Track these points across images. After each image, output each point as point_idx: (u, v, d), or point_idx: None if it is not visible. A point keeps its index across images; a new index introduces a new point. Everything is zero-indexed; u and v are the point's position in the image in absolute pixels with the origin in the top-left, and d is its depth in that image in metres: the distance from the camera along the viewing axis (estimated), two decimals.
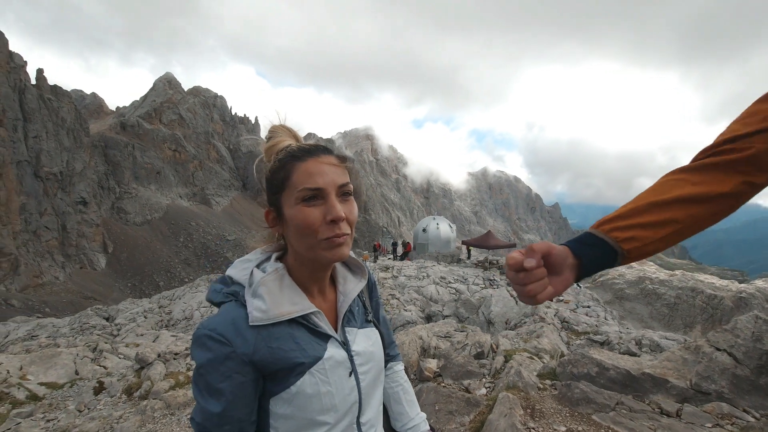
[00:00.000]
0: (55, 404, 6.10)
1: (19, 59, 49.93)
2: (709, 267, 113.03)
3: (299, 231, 0.86)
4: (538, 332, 6.31)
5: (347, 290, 1.02)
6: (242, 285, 0.91)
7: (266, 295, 0.87)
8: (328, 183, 0.86)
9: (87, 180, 55.69)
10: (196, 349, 0.84)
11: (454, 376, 3.80)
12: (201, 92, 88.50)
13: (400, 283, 15.65)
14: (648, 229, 0.77)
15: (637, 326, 16.43)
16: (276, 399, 0.89)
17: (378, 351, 1.04)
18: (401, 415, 1.20)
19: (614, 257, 0.78)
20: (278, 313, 0.87)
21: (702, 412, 2.56)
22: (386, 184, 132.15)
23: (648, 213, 0.78)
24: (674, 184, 0.79)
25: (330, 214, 0.84)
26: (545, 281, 0.77)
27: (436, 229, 28.05)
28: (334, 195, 0.86)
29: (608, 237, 0.78)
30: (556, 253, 0.79)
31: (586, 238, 0.80)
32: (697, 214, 0.77)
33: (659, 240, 0.77)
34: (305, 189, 0.84)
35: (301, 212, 0.85)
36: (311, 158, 0.87)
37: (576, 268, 0.80)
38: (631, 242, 0.77)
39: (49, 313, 34.91)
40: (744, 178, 0.75)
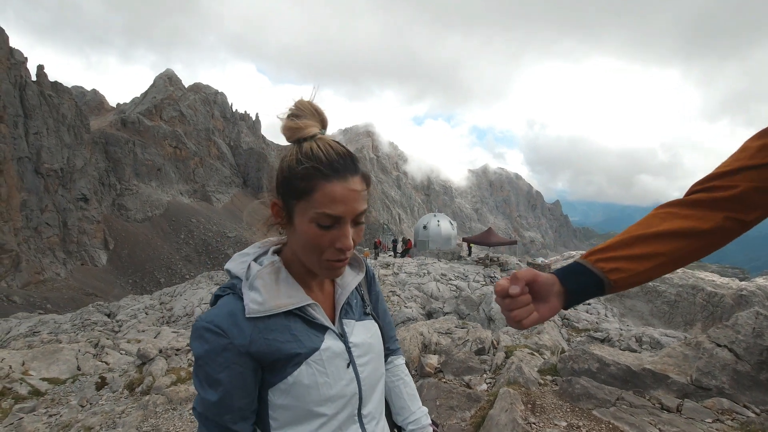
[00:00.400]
0: (58, 399, 6.13)
1: (20, 55, 49.87)
2: (710, 264, 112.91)
3: (305, 246, 0.87)
4: (538, 329, 6.32)
5: (345, 283, 1.03)
6: (240, 278, 0.92)
7: (262, 287, 0.89)
8: (348, 212, 0.84)
9: (88, 177, 55.74)
10: (195, 341, 0.86)
11: (455, 371, 3.81)
12: (202, 89, 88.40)
13: (400, 280, 15.68)
14: (633, 261, 0.80)
15: (638, 324, 16.45)
16: (274, 389, 0.90)
17: (377, 343, 1.05)
18: (403, 409, 1.21)
19: (601, 286, 0.82)
20: (274, 305, 0.88)
21: (702, 408, 2.57)
22: (387, 182, 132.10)
23: (634, 246, 0.81)
24: (662, 218, 0.82)
25: (340, 242, 0.85)
26: (530, 307, 0.81)
27: (437, 226, 28.07)
28: (349, 224, 0.85)
29: (595, 267, 0.82)
30: (542, 281, 0.83)
31: (574, 267, 0.85)
32: (682, 248, 0.79)
33: (643, 272, 0.80)
34: (324, 215, 0.82)
35: (313, 232, 0.84)
36: (338, 180, 0.83)
37: (563, 296, 0.83)
38: (617, 273, 0.80)
39: (51, 309, 35.03)
40: (730, 215, 0.77)
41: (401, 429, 1.22)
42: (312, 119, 0.88)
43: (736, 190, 0.76)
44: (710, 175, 0.81)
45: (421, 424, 1.20)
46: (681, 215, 0.80)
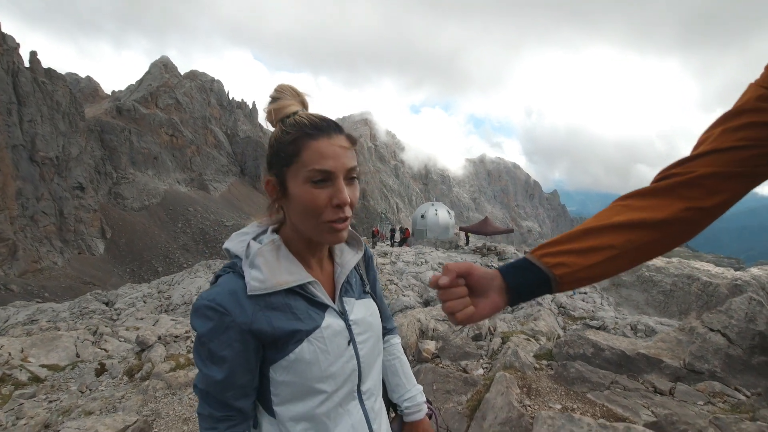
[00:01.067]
0: (58, 385, 6.17)
1: (12, 41, 49.04)
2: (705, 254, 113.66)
3: (303, 211, 0.86)
4: (534, 315, 6.38)
5: (344, 261, 1.03)
6: (239, 257, 0.92)
7: (263, 265, 0.89)
8: (339, 167, 0.85)
9: (83, 165, 55.33)
10: (197, 319, 0.86)
11: (452, 357, 3.85)
12: (198, 76, 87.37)
13: (398, 269, 15.74)
14: (581, 255, 0.76)
15: (633, 313, 16.61)
16: (275, 366, 0.90)
17: (376, 321, 1.06)
18: (398, 387, 1.23)
19: (548, 282, 0.77)
20: (275, 283, 0.88)
21: (695, 391, 2.61)
22: (385, 171, 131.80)
23: (581, 239, 0.77)
24: (617, 211, 0.77)
25: (337, 198, 0.85)
26: (465, 300, 0.78)
27: (435, 215, 28.11)
28: (342, 179, 0.86)
29: (539, 262, 0.78)
30: (479, 274, 0.80)
31: (519, 263, 0.81)
32: (636, 240, 0.74)
33: (592, 266, 0.75)
34: (315, 171, 0.84)
35: (308, 193, 0.84)
36: (324, 137, 0.85)
37: (506, 292, 0.80)
38: (561, 268, 0.76)
39: (49, 298, 35.06)
40: (688, 204, 0.73)
41: (396, 406, 1.25)
42: (292, 99, 0.91)
43: (692, 175, 0.73)
44: (671, 164, 0.78)
45: (416, 401, 1.23)
46: (636, 206, 0.76)
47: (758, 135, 0.71)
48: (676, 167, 0.76)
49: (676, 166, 0.77)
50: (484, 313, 0.80)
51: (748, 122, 0.71)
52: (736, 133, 0.72)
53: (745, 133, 0.71)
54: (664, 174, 0.77)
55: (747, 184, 0.72)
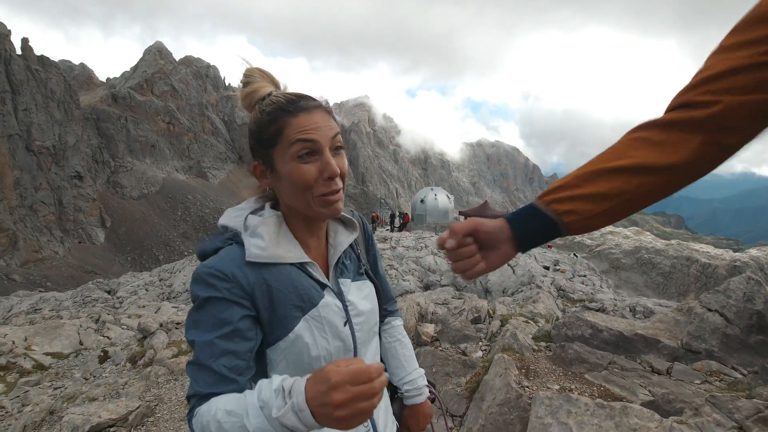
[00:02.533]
0: (62, 373, 6.24)
1: (3, 28, 48.22)
2: (704, 236, 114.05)
3: (295, 188, 0.85)
4: (534, 298, 6.42)
5: (337, 243, 1.01)
6: (238, 230, 0.90)
7: (266, 234, 0.87)
8: (322, 137, 0.84)
9: (81, 154, 55.05)
10: (198, 285, 0.83)
11: (451, 340, 3.88)
12: (193, 62, 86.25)
13: (398, 254, 15.79)
14: (590, 201, 0.71)
15: (632, 295, 16.72)
16: (274, 348, 0.89)
17: (372, 304, 1.04)
18: (398, 369, 1.21)
19: (557, 228, 0.74)
20: (276, 254, 0.87)
21: (692, 370, 2.63)
22: (384, 156, 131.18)
23: (592, 182, 0.72)
24: (630, 147, 0.71)
25: (326, 170, 0.84)
26: (475, 258, 0.78)
27: (434, 200, 28.09)
28: (328, 150, 0.85)
29: (548, 209, 0.75)
30: (487, 230, 0.78)
31: (528, 210, 0.78)
32: (649, 184, 0.69)
33: (602, 213, 0.71)
34: (300, 145, 0.83)
35: (297, 169, 0.83)
36: (302, 112, 0.85)
37: (515, 240, 0.78)
38: (572, 215, 0.73)
39: (51, 287, 35.28)
40: (709, 139, 0.65)
41: (397, 389, 1.23)
42: (263, 81, 0.91)
43: (717, 107, 0.63)
44: (692, 83, 0.68)
45: (416, 384, 1.20)
46: (653, 142, 0.69)
47: None
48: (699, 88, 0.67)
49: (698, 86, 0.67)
50: (494, 265, 0.79)
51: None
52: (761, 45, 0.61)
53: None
54: (682, 101, 0.69)
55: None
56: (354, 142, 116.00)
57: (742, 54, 0.62)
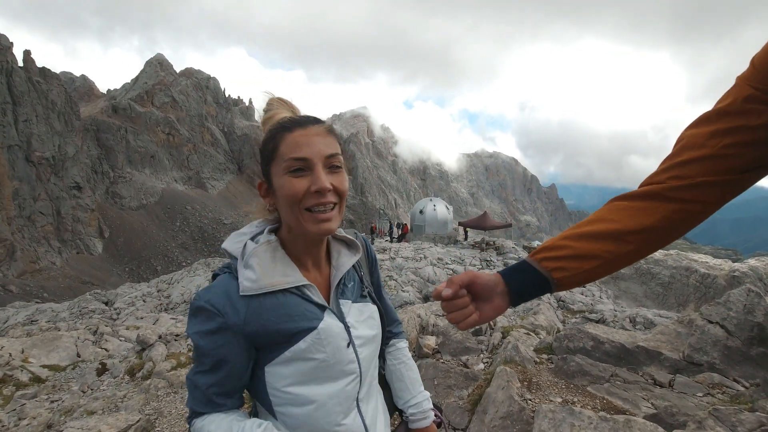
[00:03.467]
0: (59, 386, 6.18)
1: (5, 40, 48.66)
2: (703, 246, 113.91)
3: (286, 201, 0.87)
4: (534, 309, 6.41)
5: (340, 264, 1.02)
6: (236, 258, 0.92)
7: (257, 265, 0.89)
8: (314, 153, 0.86)
9: (80, 164, 55.12)
10: (191, 319, 0.89)
11: (452, 352, 3.87)
12: (193, 74, 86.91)
13: (397, 265, 15.76)
14: (577, 260, 0.80)
15: (632, 305, 16.68)
16: (271, 367, 0.91)
17: (374, 325, 1.04)
18: (403, 392, 1.20)
19: (547, 284, 0.82)
20: (268, 284, 0.88)
21: (694, 383, 2.63)
22: (383, 166, 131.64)
23: (579, 243, 0.80)
24: (613, 214, 0.80)
25: (315, 184, 0.85)
26: (468, 309, 0.82)
27: (433, 210, 28.11)
28: (320, 166, 0.86)
29: (540, 266, 0.82)
30: (482, 282, 0.84)
31: (521, 266, 0.85)
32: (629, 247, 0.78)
33: (588, 271, 0.80)
34: (291, 159, 0.85)
35: (287, 182, 0.86)
36: (299, 129, 0.87)
37: (508, 295, 0.84)
38: (561, 272, 0.81)
39: (48, 298, 35.03)
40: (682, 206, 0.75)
41: (402, 412, 1.21)
42: (281, 108, 0.96)
43: (688, 182, 0.74)
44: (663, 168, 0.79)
45: (422, 408, 1.19)
46: (632, 208, 0.79)
47: (746, 140, 0.70)
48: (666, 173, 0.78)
49: (664, 172, 0.78)
50: (487, 317, 0.84)
51: (735, 126, 0.71)
52: (723, 138, 0.72)
53: (732, 139, 0.71)
54: (655, 179, 0.79)
55: (739, 188, 0.74)
56: (353, 153, 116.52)
57: (708, 143, 0.73)
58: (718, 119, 0.73)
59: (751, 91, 0.70)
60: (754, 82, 0.70)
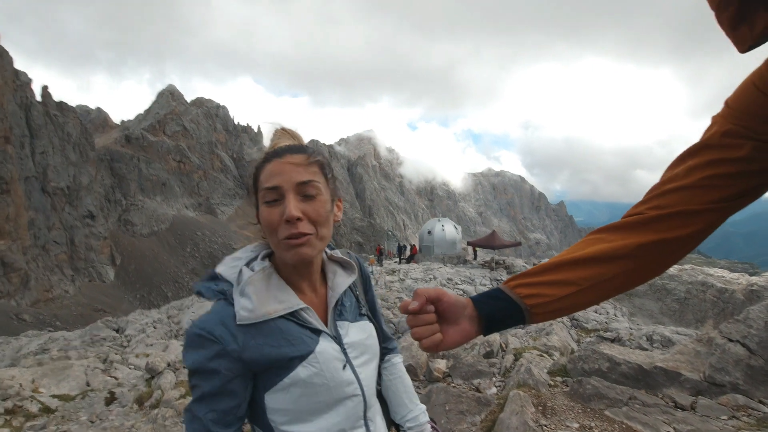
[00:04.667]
0: (68, 416, 6.13)
1: (25, 77, 50.62)
2: (718, 260, 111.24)
3: (265, 231, 0.90)
4: (547, 330, 6.26)
5: (336, 285, 1.03)
6: (231, 283, 0.93)
7: (253, 294, 0.89)
8: (285, 182, 0.87)
9: (94, 193, 56.24)
10: (188, 347, 0.87)
11: (463, 375, 3.78)
12: (204, 103, 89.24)
13: (407, 286, 15.62)
14: (552, 286, 0.77)
15: (648, 322, 16.21)
16: (270, 393, 0.91)
17: (374, 343, 1.06)
18: (400, 407, 1.21)
19: (521, 313, 0.77)
20: (264, 312, 0.88)
21: (717, 405, 2.53)
22: (390, 188, 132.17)
23: (554, 271, 0.78)
24: (589, 243, 0.79)
25: (284, 214, 0.85)
26: (434, 327, 0.78)
27: (442, 230, 27.99)
28: (292, 194, 0.87)
29: (512, 293, 0.79)
30: (449, 301, 0.79)
31: (493, 292, 0.81)
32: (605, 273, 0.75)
33: (564, 298, 0.76)
34: (265, 189, 0.88)
35: (264, 212, 0.88)
36: (276, 159, 0.89)
37: (477, 321, 0.80)
38: (534, 298, 0.77)
39: (60, 326, 35.14)
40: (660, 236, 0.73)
41: (399, 427, 1.23)
42: (284, 138, 0.99)
43: (664, 211, 0.73)
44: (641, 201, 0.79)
45: (419, 421, 1.20)
46: (607, 239, 0.77)
47: (725, 171, 0.70)
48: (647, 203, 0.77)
49: (646, 203, 0.77)
50: (453, 341, 0.79)
51: (715, 159, 0.71)
52: (703, 170, 0.72)
53: (712, 171, 0.71)
54: (636, 211, 0.78)
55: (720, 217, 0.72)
56: (360, 176, 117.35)
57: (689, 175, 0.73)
58: (699, 152, 0.74)
59: (729, 126, 0.70)
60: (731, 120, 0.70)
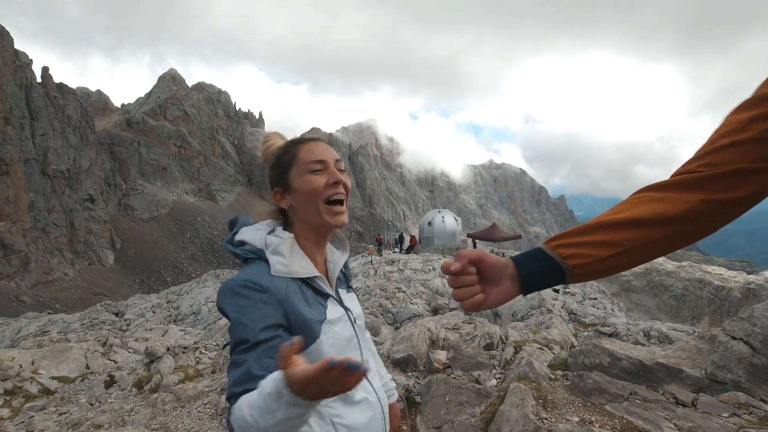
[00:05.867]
0: (67, 398, 6.17)
1: (25, 57, 50.14)
2: (717, 258, 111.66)
3: (307, 195, 1.04)
4: (547, 323, 6.28)
5: (335, 259, 1.19)
6: (259, 248, 1.03)
7: (286, 253, 1.02)
8: (328, 156, 1.08)
9: (94, 177, 56.13)
10: (232, 298, 0.92)
11: (463, 367, 3.78)
12: (205, 88, 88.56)
13: (406, 277, 15.65)
14: (595, 247, 0.75)
15: (644, 318, 16.28)
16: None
17: (360, 309, 1.21)
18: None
19: (561, 273, 0.77)
20: (295, 270, 1.00)
21: (718, 402, 2.52)
22: (391, 178, 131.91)
23: (596, 232, 0.76)
24: (634, 203, 0.76)
25: (332, 177, 1.06)
26: (475, 288, 0.78)
27: (442, 222, 27.98)
28: (333, 165, 1.07)
29: (554, 252, 0.77)
30: (491, 262, 0.79)
31: (533, 252, 0.80)
32: (651, 236, 0.72)
33: (606, 259, 0.74)
34: (311, 162, 1.05)
35: (309, 179, 1.04)
36: (311, 142, 1.10)
37: (518, 280, 0.79)
38: (575, 259, 0.75)
39: (60, 309, 35.35)
40: (709, 196, 0.70)
41: None
42: (278, 138, 1.17)
43: (716, 170, 0.69)
44: (693, 157, 0.75)
45: (389, 386, 1.34)
46: (655, 198, 0.74)
47: None
48: (699, 161, 0.73)
49: (698, 160, 0.73)
50: (494, 301, 0.79)
51: None
52: (765, 122, 0.67)
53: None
54: (687, 168, 0.74)
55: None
56: (361, 165, 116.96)
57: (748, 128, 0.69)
58: (760, 104, 0.69)
59: None
60: None
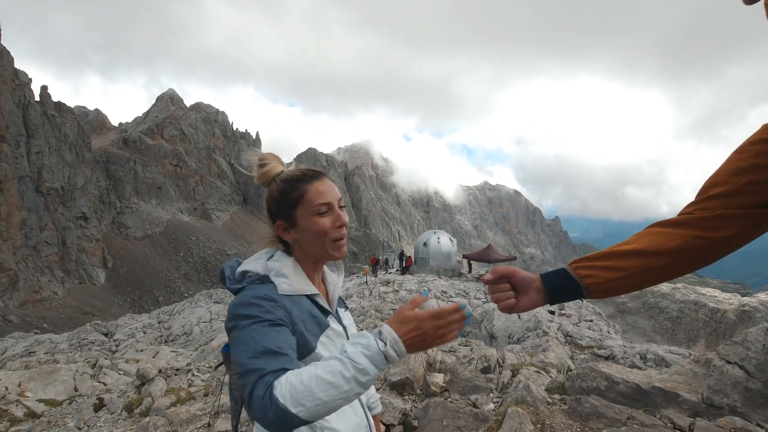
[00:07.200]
0: (54, 422, 6.01)
1: (24, 76, 50.57)
2: (711, 280, 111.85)
3: (315, 236, 1.12)
4: (543, 346, 6.26)
5: (334, 281, 1.29)
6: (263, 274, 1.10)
7: (289, 274, 1.11)
8: (333, 198, 1.15)
9: (88, 195, 55.83)
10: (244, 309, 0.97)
11: (461, 390, 3.75)
12: (203, 108, 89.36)
13: (401, 298, 15.56)
14: (605, 270, 0.93)
15: (640, 340, 16.23)
16: None
17: (356, 329, 1.29)
18: None
19: (579, 290, 0.96)
20: (299, 288, 1.10)
21: (715, 427, 2.53)
22: (386, 198, 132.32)
23: (608, 258, 0.94)
24: (641, 236, 0.94)
25: (338, 221, 1.14)
26: (508, 293, 1.00)
27: (437, 242, 27.97)
28: (337, 207, 1.15)
29: (574, 273, 0.97)
30: (521, 276, 1.01)
31: (557, 271, 1.01)
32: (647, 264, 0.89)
33: (614, 280, 0.92)
34: (319, 204, 1.12)
35: (317, 222, 1.12)
36: (317, 181, 1.15)
37: (544, 292, 0.99)
38: (590, 278, 0.94)
39: (47, 328, 34.57)
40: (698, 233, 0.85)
41: None
42: (275, 162, 1.19)
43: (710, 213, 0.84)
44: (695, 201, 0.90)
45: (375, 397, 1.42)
46: (657, 233, 0.91)
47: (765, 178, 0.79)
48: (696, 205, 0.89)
49: (695, 204, 0.89)
50: (524, 306, 0.99)
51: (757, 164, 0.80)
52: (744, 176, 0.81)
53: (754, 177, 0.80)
54: (687, 210, 0.90)
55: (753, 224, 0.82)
56: (357, 185, 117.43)
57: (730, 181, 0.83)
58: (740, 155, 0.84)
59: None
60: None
